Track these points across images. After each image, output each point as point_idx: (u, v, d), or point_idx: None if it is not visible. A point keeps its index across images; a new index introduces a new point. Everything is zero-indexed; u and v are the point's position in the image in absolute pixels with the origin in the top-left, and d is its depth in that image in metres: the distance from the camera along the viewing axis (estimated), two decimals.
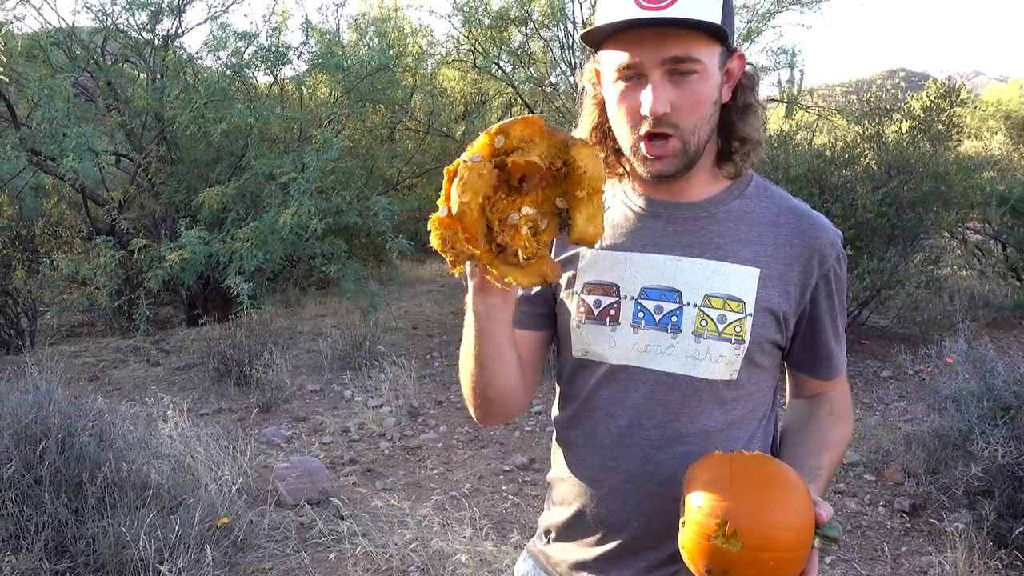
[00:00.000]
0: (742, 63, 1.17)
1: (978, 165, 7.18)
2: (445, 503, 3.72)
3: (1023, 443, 3.03)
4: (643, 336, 1.19)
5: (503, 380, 1.20)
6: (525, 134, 0.98)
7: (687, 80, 1.08)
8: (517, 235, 1.00)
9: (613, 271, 1.21)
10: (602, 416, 1.22)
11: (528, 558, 1.38)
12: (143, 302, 6.19)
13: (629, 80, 1.11)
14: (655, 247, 1.20)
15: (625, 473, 1.20)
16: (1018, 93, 25.22)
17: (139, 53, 7.71)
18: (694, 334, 1.16)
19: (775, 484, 1.02)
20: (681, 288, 1.18)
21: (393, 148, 9.35)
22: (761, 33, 9.65)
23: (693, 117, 1.11)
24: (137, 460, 3.28)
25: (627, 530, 1.21)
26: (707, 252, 1.18)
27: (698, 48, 1.08)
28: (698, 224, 1.20)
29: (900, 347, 5.77)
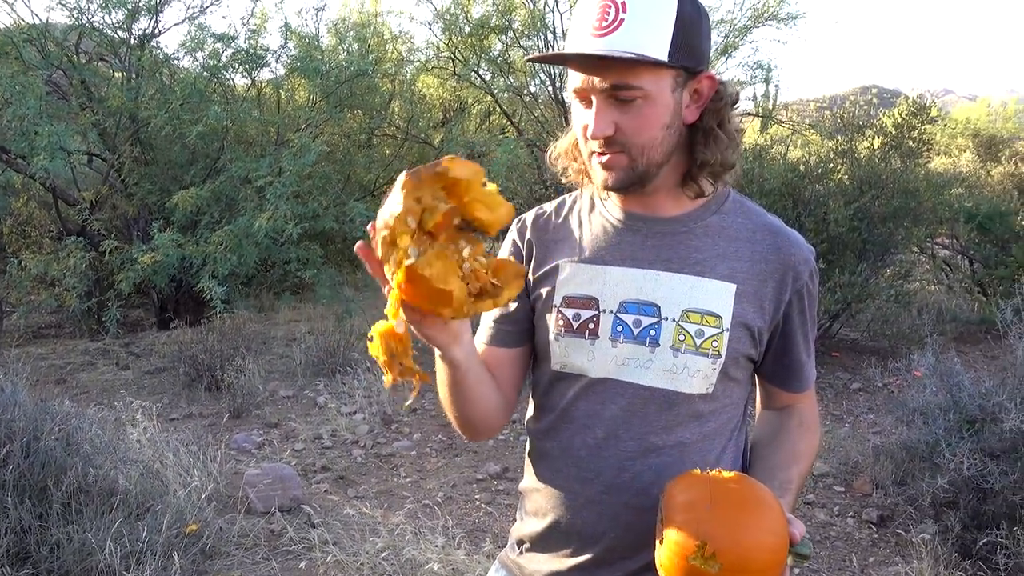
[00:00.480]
0: (712, 84, 1.18)
1: (947, 182, 7.32)
2: (418, 511, 3.70)
3: (987, 456, 3.08)
4: (622, 350, 1.20)
5: (487, 403, 1.25)
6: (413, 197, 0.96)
7: (632, 105, 1.12)
8: (480, 274, 1.01)
9: (592, 285, 1.22)
10: (579, 428, 1.23)
11: (501, 568, 1.38)
12: (113, 304, 6.10)
13: (582, 101, 1.16)
14: (634, 261, 1.22)
15: (601, 484, 1.21)
16: (986, 112, 25.78)
17: (114, 52, 7.61)
18: (672, 348, 1.18)
19: (753, 506, 1.04)
20: (659, 302, 1.19)
21: (371, 154, 9.31)
22: (738, 48, 9.75)
23: (640, 138, 1.14)
24: (104, 465, 3.23)
25: (602, 541, 1.22)
26: (685, 267, 1.20)
27: (639, 76, 1.11)
28: (676, 239, 1.22)
29: (870, 360, 5.85)
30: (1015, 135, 22.45)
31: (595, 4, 1.11)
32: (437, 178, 0.97)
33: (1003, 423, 3.06)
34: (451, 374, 1.17)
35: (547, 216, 1.34)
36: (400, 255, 0.95)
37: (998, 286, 6.89)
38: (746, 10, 9.50)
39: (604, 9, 1.09)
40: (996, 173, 15.12)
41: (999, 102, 28.20)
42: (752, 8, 9.44)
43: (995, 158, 17.98)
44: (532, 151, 8.24)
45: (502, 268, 1.03)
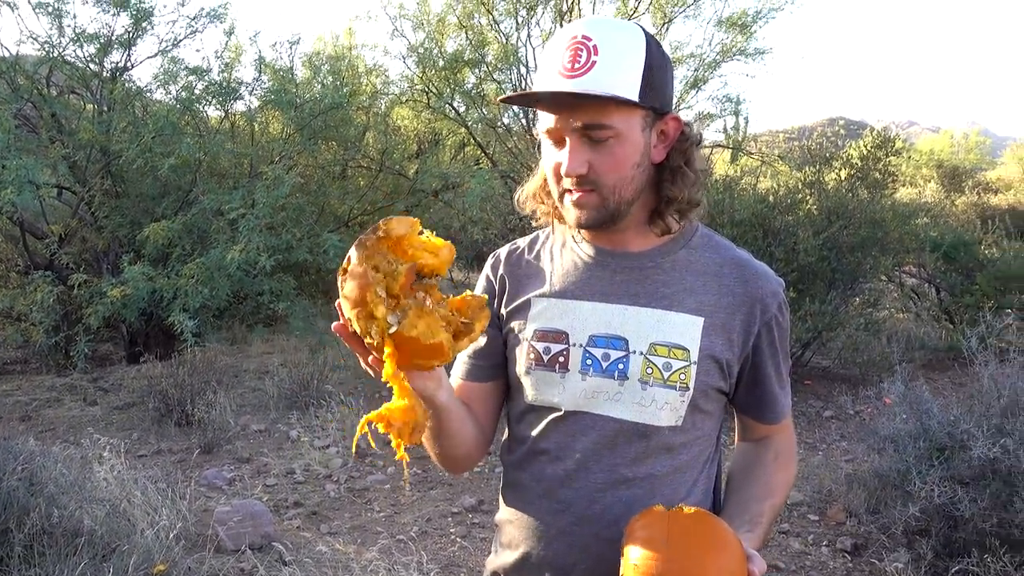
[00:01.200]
0: (677, 125, 1.22)
1: (913, 212, 7.48)
2: (392, 547, 3.65)
3: (957, 483, 3.12)
4: (591, 383, 1.21)
5: (467, 438, 1.28)
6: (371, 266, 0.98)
7: (604, 144, 1.15)
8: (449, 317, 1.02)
9: (563, 319, 1.24)
10: (550, 459, 1.25)
11: None
12: (82, 339, 6.00)
13: (555, 142, 1.19)
14: (603, 296, 1.24)
15: (572, 515, 1.22)
16: (949, 143, 26.46)
17: (86, 85, 7.57)
18: (640, 381, 1.20)
19: (710, 545, 1.05)
20: (628, 336, 1.21)
21: (345, 185, 9.31)
22: (707, 81, 9.94)
23: (612, 177, 1.17)
24: (69, 505, 3.15)
25: (573, 572, 1.22)
26: (653, 301, 1.22)
27: (611, 116, 1.14)
28: (644, 274, 1.24)
29: (841, 387, 5.92)
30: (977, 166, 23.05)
31: (566, 47, 1.13)
32: (381, 242, 1.00)
33: (971, 451, 3.10)
34: (435, 418, 1.19)
35: (520, 252, 1.37)
36: (382, 325, 0.97)
37: (964, 314, 7.02)
38: (715, 45, 9.71)
39: (576, 52, 1.12)
40: (960, 203, 15.48)
41: (962, 134, 28.99)
42: (721, 43, 9.65)
43: (959, 188, 18.43)
44: (506, 182, 8.29)
45: (464, 305, 1.06)
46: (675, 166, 1.23)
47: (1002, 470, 3.05)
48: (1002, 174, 20.85)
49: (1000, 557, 2.85)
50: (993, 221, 7.98)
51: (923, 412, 3.51)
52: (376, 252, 0.98)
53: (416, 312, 0.98)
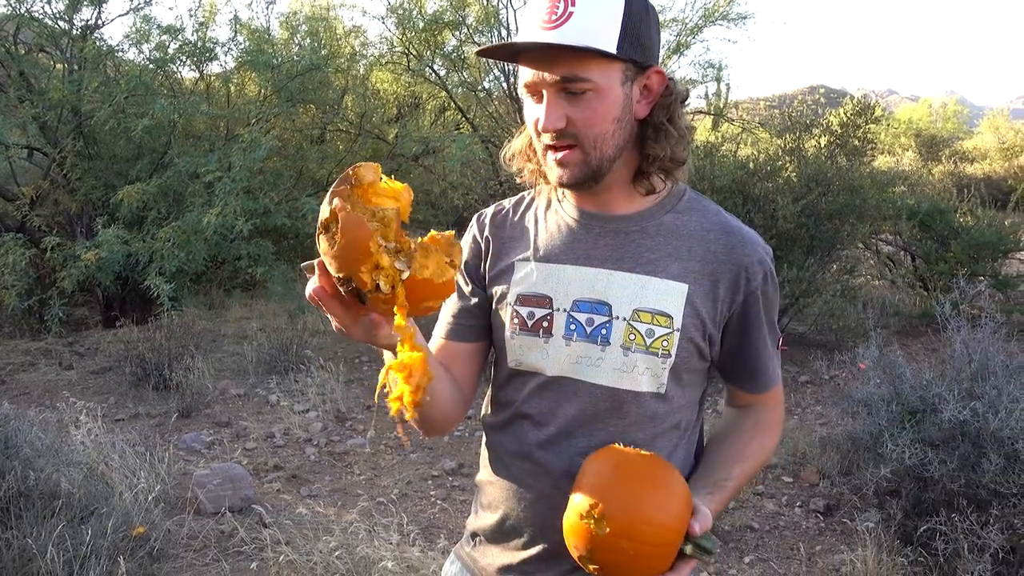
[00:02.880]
0: (661, 80, 1.19)
1: (890, 180, 7.52)
2: (372, 509, 3.68)
3: (928, 445, 3.18)
4: (575, 348, 1.21)
5: (444, 399, 1.24)
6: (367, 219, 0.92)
7: (582, 97, 1.13)
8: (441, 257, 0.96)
9: (547, 284, 1.23)
10: (533, 424, 1.24)
11: (455, 561, 1.39)
12: (56, 303, 5.93)
13: (533, 96, 1.17)
14: (587, 260, 1.23)
15: (551, 478, 1.22)
16: (927, 112, 26.60)
17: (55, 43, 7.38)
18: (622, 347, 1.19)
19: (653, 482, 1.08)
20: (611, 301, 1.20)
21: (324, 149, 9.20)
22: (689, 47, 9.89)
23: (591, 131, 1.14)
24: (46, 468, 3.13)
25: (552, 535, 1.23)
26: (637, 267, 1.20)
27: (589, 69, 1.12)
28: (629, 238, 1.22)
29: (817, 353, 5.99)
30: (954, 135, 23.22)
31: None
32: (355, 190, 0.95)
33: (942, 413, 3.16)
34: None
35: (505, 212, 1.35)
36: (392, 273, 0.91)
37: (938, 281, 7.11)
38: (697, 9, 9.65)
39: (554, 3, 1.10)
40: (937, 172, 15.61)
41: (940, 103, 29.13)
42: (703, 7, 9.58)
43: (936, 157, 18.57)
44: (487, 147, 8.23)
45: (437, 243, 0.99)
46: (658, 122, 1.20)
47: (971, 432, 3.11)
48: (978, 144, 21.04)
49: (967, 516, 2.92)
50: (968, 190, 8.07)
51: (896, 376, 3.57)
52: (356, 202, 0.93)
53: (422, 253, 0.93)
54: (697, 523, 1.08)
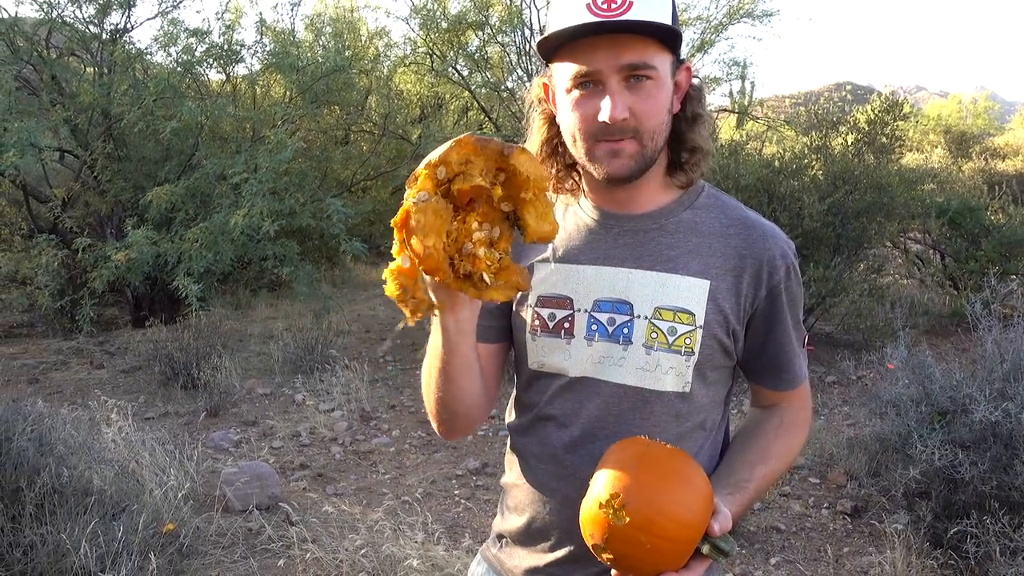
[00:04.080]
0: (689, 75, 1.20)
1: (919, 177, 7.41)
2: (397, 508, 3.70)
3: (958, 447, 3.14)
4: (597, 348, 1.20)
5: (470, 392, 1.22)
6: (462, 156, 0.97)
7: (643, 86, 1.10)
8: (477, 260, 1.00)
9: (567, 284, 1.22)
10: (557, 426, 1.24)
11: (482, 562, 1.39)
12: (87, 302, 6.03)
13: (584, 88, 1.12)
14: (607, 259, 1.22)
15: (578, 481, 1.21)
16: (957, 108, 26.17)
17: (86, 47, 7.50)
18: (645, 346, 1.18)
19: (677, 477, 1.06)
20: (632, 300, 1.19)
21: (348, 150, 9.27)
22: (714, 45, 9.84)
23: (651, 122, 1.12)
24: (78, 465, 3.19)
25: (578, 537, 1.22)
26: (657, 264, 1.19)
27: (652, 55, 1.10)
28: (648, 236, 1.21)
29: (844, 353, 5.93)
30: (985, 131, 22.83)
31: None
32: (500, 157, 0.98)
33: (973, 414, 3.11)
34: (442, 346, 1.14)
35: None
36: (410, 192, 0.96)
37: (968, 280, 7.00)
38: (721, 7, 9.58)
39: None
40: (967, 169, 15.35)
41: (970, 98, 28.64)
42: (728, 5, 9.51)
43: (966, 154, 18.27)
44: None
45: (507, 271, 1.02)
46: (694, 114, 1.20)
47: (1003, 433, 3.06)
48: (1010, 140, 20.65)
49: (999, 519, 2.87)
50: (1000, 187, 7.93)
51: (925, 376, 3.52)
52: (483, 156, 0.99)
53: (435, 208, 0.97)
54: (717, 523, 1.06)
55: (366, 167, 9.29)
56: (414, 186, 0.97)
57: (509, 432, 1.35)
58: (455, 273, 0.99)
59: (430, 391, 1.23)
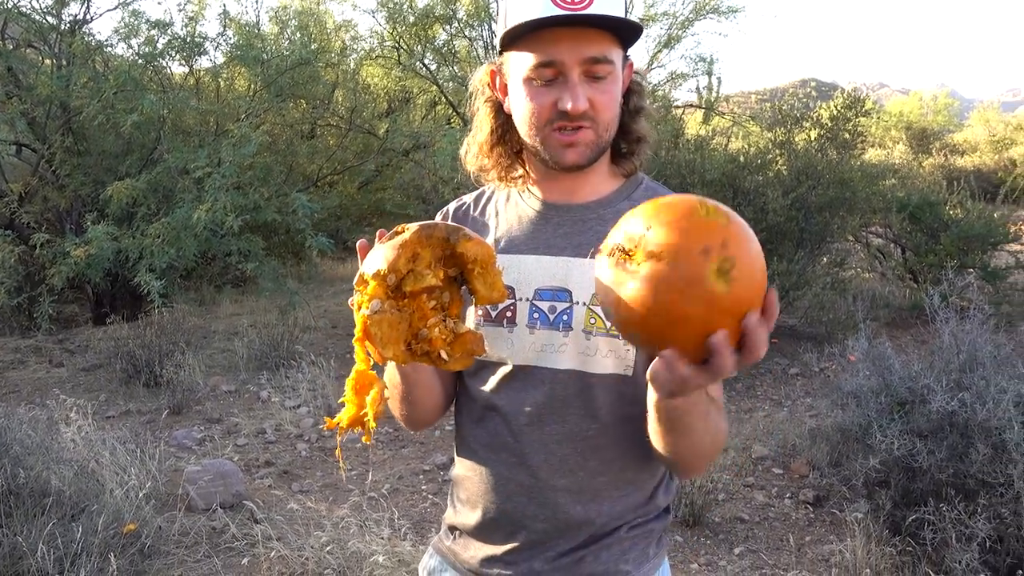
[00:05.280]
0: (630, 70, 1.24)
1: (880, 173, 7.55)
2: (363, 504, 3.68)
3: (916, 436, 3.20)
4: (539, 336, 1.22)
5: (430, 405, 1.30)
6: (409, 255, 0.99)
7: (601, 80, 1.14)
8: (435, 340, 1.02)
9: (508, 274, 1.23)
10: (504, 415, 1.25)
11: (435, 555, 1.39)
12: (45, 299, 5.90)
13: (544, 79, 1.15)
14: (547, 249, 1.24)
15: (528, 469, 1.23)
16: (918, 105, 26.68)
17: (43, 38, 7.32)
18: (584, 331, 1.20)
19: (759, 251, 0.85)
20: (571, 288, 1.21)
21: (314, 144, 9.18)
22: (680, 40, 9.90)
23: (607, 114, 1.17)
24: (36, 466, 3.13)
25: (534, 525, 1.23)
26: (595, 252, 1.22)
27: (610, 49, 1.14)
28: (587, 225, 1.25)
29: (807, 345, 6.02)
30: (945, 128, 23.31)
31: None
32: (446, 244, 1.01)
33: (930, 404, 3.18)
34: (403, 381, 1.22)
35: (466, 207, 1.36)
36: (361, 300, 0.98)
37: (928, 273, 7.15)
38: (687, 3, 9.64)
39: None
40: (927, 164, 15.68)
41: (931, 96, 29.23)
42: (694, 1, 9.58)
43: (926, 150, 18.64)
44: None
45: (461, 341, 1.03)
46: (637, 107, 1.26)
47: (959, 423, 3.13)
48: (968, 136, 21.12)
49: (955, 506, 2.94)
50: (958, 182, 8.08)
51: (885, 368, 3.59)
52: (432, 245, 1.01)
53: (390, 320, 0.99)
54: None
55: (333, 161, 9.21)
56: (363, 291, 0.98)
57: (456, 425, 1.36)
58: (413, 356, 1.02)
59: (393, 404, 1.29)
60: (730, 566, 3.27)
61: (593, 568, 1.23)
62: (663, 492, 1.29)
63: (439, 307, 1.03)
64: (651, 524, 1.28)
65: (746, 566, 3.28)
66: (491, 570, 1.28)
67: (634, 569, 1.25)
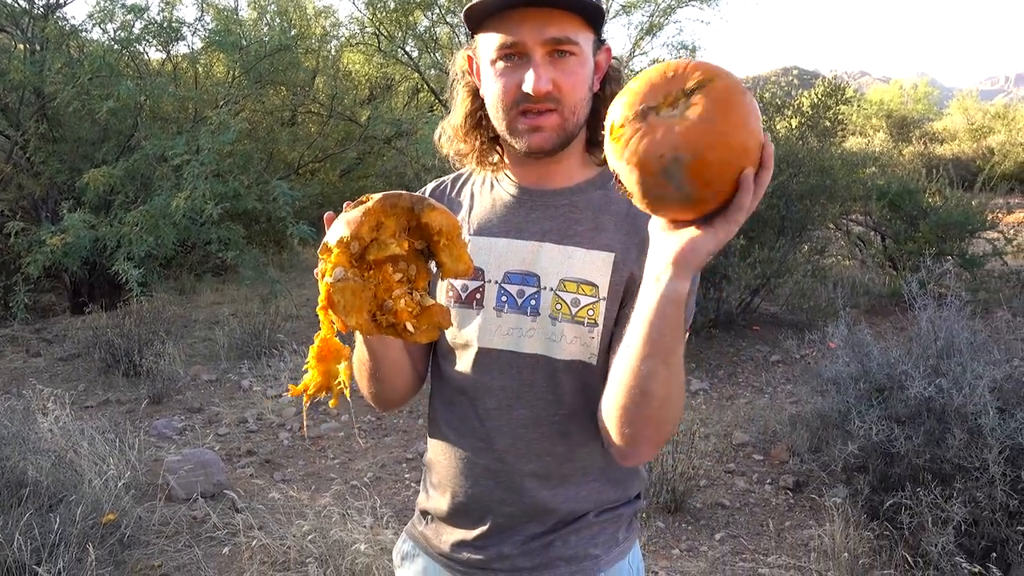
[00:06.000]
0: (609, 56, 1.23)
1: (861, 161, 7.60)
2: (345, 493, 3.67)
3: (894, 422, 3.24)
4: (506, 319, 1.22)
5: (400, 384, 1.29)
6: (372, 223, 0.98)
7: (567, 61, 1.13)
8: (400, 312, 1.01)
9: (479, 256, 1.23)
10: (471, 399, 1.25)
11: (408, 540, 1.40)
12: (20, 288, 5.82)
13: (509, 60, 1.14)
14: (519, 233, 1.24)
15: (496, 453, 1.23)
16: (898, 94, 26.87)
17: (15, 22, 7.18)
18: (550, 317, 1.20)
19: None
20: (539, 272, 1.21)
21: (295, 131, 9.10)
22: (662, 28, 9.89)
23: (573, 97, 1.15)
24: (12, 456, 3.09)
25: (502, 509, 1.24)
26: (564, 239, 1.22)
27: (576, 31, 1.13)
28: (559, 211, 1.24)
29: (788, 332, 6.06)
30: (924, 116, 23.49)
31: None
32: (410, 214, 1.00)
33: (908, 390, 3.21)
34: (369, 359, 1.22)
35: (444, 189, 1.36)
36: (324, 268, 0.97)
37: (907, 260, 7.21)
38: None
39: None
40: (907, 152, 15.79)
41: (911, 84, 29.44)
42: None
43: (906, 138, 18.78)
44: None
45: (428, 313, 1.03)
46: (614, 93, 1.21)
47: (936, 408, 3.17)
48: (948, 124, 21.30)
49: (932, 490, 2.98)
50: (937, 170, 8.14)
51: (864, 355, 3.62)
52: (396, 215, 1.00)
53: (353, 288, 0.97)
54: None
55: (314, 149, 9.13)
56: (328, 259, 0.97)
57: (429, 406, 1.36)
58: (378, 327, 1.01)
59: (361, 382, 1.29)
60: (711, 551, 3.30)
61: (562, 552, 1.23)
62: (633, 478, 1.29)
63: (405, 280, 1.03)
64: (620, 509, 1.28)
65: (727, 551, 3.31)
66: (461, 554, 1.28)
67: (603, 553, 1.25)
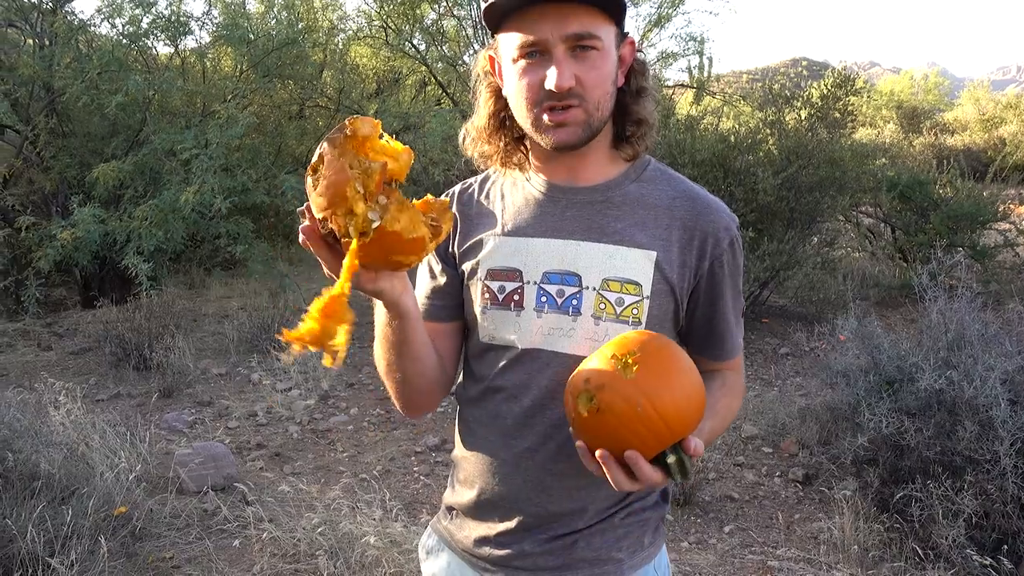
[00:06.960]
0: (633, 49, 1.21)
1: (871, 152, 7.53)
2: (355, 486, 3.68)
3: (904, 414, 3.22)
4: (547, 320, 1.20)
5: (426, 375, 1.24)
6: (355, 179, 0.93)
7: (588, 56, 1.12)
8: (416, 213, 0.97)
9: (515, 257, 1.22)
10: (507, 397, 1.24)
11: (433, 534, 1.40)
12: (32, 283, 5.85)
13: (531, 58, 1.13)
14: (556, 232, 1.22)
15: (526, 451, 1.22)
16: (908, 84, 26.66)
17: (24, 17, 7.21)
18: (593, 317, 1.18)
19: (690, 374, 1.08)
20: (581, 272, 1.20)
21: (303, 125, 9.11)
22: (671, 19, 9.84)
23: (597, 92, 1.14)
24: (24, 449, 3.11)
25: (528, 507, 1.23)
26: (604, 236, 1.20)
27: (598, 26, 1.11)
28: (596, 208, 1.22)
29: (797, 325, 6.04)
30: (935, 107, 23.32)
31: None
32: (348, 141, 0.96)
33: (919, 383, 3.20)
34: (400, 328, 1.14)
35: (471, 190, 1.33)
36: (360, 221, 0.93)
37: (917, 252, 7.17)
38: None
39: None
40: (917, 143, 15.68)
41: (921, 75, 29.19)
42: None
43: (916, 129, 18.66)
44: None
45: (429, 207, 1.02)
46: (639, 88, 1.22)
47: (947, 400, 3.16)
48: (959, 115, 21.13)
49: (942, 483, 2.97)
50: (948, 161, 8.09)
51: (874, 347, 3.60)
52: (347, 151, 0.94)
53: (397, 207, 0.94)
54: (694, 441, 1.05)
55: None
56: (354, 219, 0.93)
57: (459, 403, 1.35)
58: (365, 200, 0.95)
59: (391, 373, 1.23)
60: (720, 544, 3.30)
61: (585, 554, 1.23)
62: None
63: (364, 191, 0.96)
64: (647, 512, 1.27)
65: (736, 544, 3.30)
66: (483, 550, 1.28)
67: (627, 557, 1.24)
